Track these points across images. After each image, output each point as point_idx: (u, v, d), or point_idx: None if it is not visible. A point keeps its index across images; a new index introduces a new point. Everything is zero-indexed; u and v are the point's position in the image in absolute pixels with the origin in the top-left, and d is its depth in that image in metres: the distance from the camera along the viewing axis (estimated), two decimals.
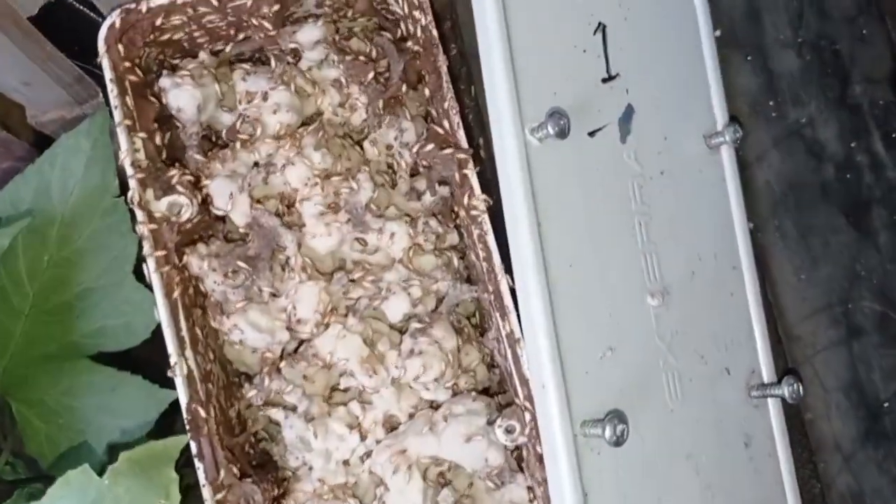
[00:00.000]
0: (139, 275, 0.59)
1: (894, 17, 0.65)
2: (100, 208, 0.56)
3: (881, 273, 0.62)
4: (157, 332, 0.61)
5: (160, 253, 0.47)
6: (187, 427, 0.46)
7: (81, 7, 0.54)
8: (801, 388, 0.54)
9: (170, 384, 0.61)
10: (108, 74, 0.48)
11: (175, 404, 0.63)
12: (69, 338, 0.58)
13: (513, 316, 0.49)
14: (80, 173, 0.55)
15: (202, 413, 0.46)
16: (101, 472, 0.49)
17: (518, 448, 0.51)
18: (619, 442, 0.44)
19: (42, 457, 0.60)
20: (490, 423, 0.49)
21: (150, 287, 0.58)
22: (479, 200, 0.49)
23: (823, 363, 0.61)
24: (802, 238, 0.62)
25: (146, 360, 0.62)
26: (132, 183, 0.48)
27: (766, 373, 0.56)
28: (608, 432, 0.44)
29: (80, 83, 0.62)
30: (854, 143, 0.63)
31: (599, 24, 0.54)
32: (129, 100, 0.48)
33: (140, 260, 0.59)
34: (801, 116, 0.63)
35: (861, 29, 0.65)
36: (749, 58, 0.64)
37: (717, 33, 0.62)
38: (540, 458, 0.47)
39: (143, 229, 0.47)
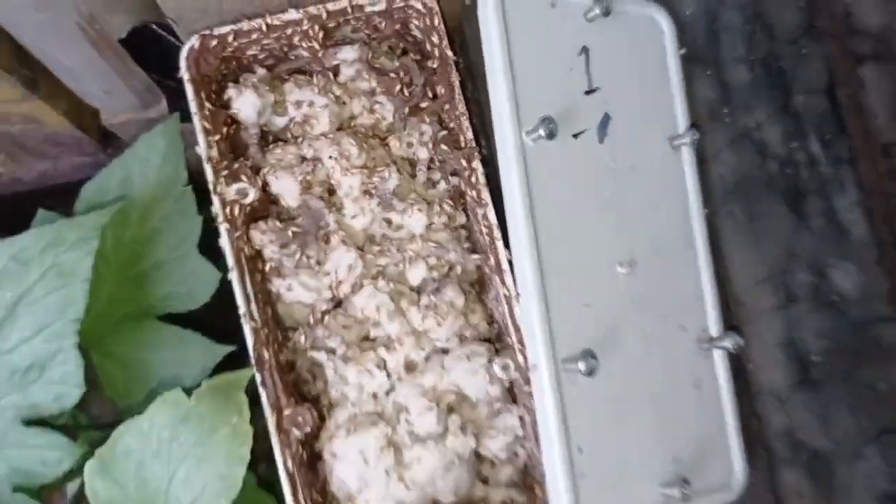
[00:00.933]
0: (202, 250, 0.71)
1: (829, 39, 0.77)
2: (171, 195, 0.69)
3: (813, 251, 0.74)
4: (214, 298, 0.73)
5: (230, 228, 0.60)
6: (253, 363, 0.58)
7: (162, 32, 0.66)
8: (741, 340, 0.66)
9: (224, 340, 0.74)
10: (188, 87, 0.61)
11: (227, 358, 0.75)
12: (143, 301, 0.71)
13: (509, 279, 0.61)
14: (157, 166, 0.68)
15: (265, 352, 0.58)
16: None
17: (511, 384, 0.63)
18: (591, 373, 0.57)
19: (117, 398, 0.72)
20: (490, 362, 0.61)
21: (210, 261, 0.71)
22: (483, 187, 0.62)
23: (764, 324, 0.73)
24: (749, 222, 0.74)
25: (204, 322, 0.75)
26: (208, 173, 0.60)
27: (714, 329, 0.68)
28: (582, 365, 0.57)
29: (149, 91, 0.74)
30: (794, 143, 0.76)
31: (583, 47, 0.66)
32: (205, 107, 0.61)
33: (203, 237, 0.71)
34: (751, 121, 0.76)
35: (802, 49, 0.77)
36: (708, 72, 0.76)
37: (683, 51, 0.75)
38: (529, 393, 0.60)
39: (218, 210, 0.60)
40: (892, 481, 0.72)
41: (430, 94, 0.66)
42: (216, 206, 0.60)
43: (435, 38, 0.63)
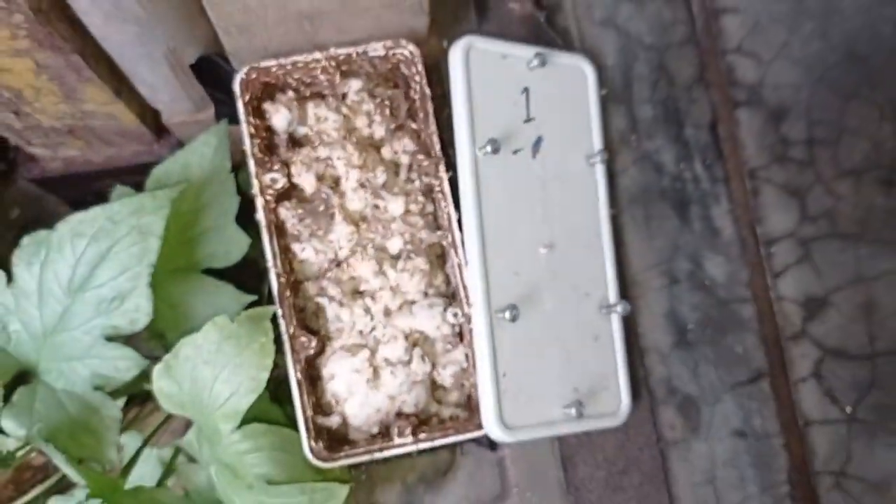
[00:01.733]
0: (238, 221, 0.94)
1: (715, 88, 1.02)
2: (218, 179, 0.92)
3: (693, 246, 0.99)
4: (242, 261, 0.96)
5: (265, 205, 0.84)
6: (277, 301, 0.82)
7: (218, 60, 0.90)
8: (629, 306, 0.91)
9: (250, 291, 0.97)
10: (238, 102, 0.85)
11: (249, 305, 0.98)
12: (191, 258, 0.94)
13: (461, 252, 0.86)
14: (210, 157, 0.91)
15: (284, 294, 0.83)
16: None
17: (461, 328, 0.88)
18: (514, 320, 0.82)
19: (167, 331, 0.95)
20: (445, 310, 0.86)
21: (245, 229, 0.94)
22: (445, 185, 0.86)
23: (653, 298, 0.98)
24: (645, 222, 0.99)
25: (235, 277, 0.98)
26: (251, 165, 0.84)
27: (612, 298, 0.93)
28: (508, 314, 0.81)
29: (202, 100, 0.98)
30: (683, 165, 1.01)
31: (525, 87, 0.91)
32: (250, 117, 0.85)
33: (240, 211, 0.94)
34: (651, 147, 1.01)
35: (694, 94, 1.02)
36: (622, 108, 1.01)
37: (603, 92, 0.99)
38: (471, 333, 0.85)
39: (256, 191, 0.84)
40: (742, 421, 0.98)
41: (412, 117, 0.90)
42: (255, 189, 0.84)
43: (417, 77, 0.87)
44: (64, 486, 0.90)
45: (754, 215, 1.00)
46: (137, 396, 0.95)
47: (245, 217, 0.92)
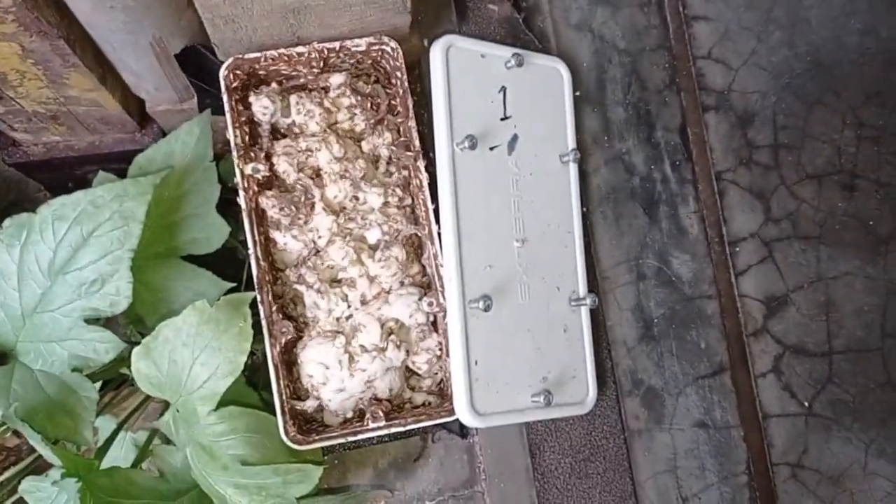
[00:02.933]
0: (218, 209, 0.96)
1: (685, 93, 1.06)
2: (200, 168, 0.93)
3: (661, 244, 1.03)
4: (221, 249, 0.98)
5: (246, 193, 0.86)
6: (256, 287, 0.84)
7: (203, 50, 0.92)
8: (597, 299, 0.94)
9: (229, 279, 0.98)
10: (223, 92, 0.87)
11: (227, 292, 1.00)
12: (172, 244, 0.95)
13: (437, 244, 0.89)
14: (192, 145, 0.93)
15: (264, 280, 0.85)
16: None
17: (435, 318, 0.91)
18: (487, 309, 0.84)
19: (146, 315, 0.97)
20: (420, 300, 0.88)
21: (224, 217, 0.96)
22: (423, 179, 0.89)
23: (621, 293, 1.02)
24: (616, 220, 1.03)
25: (214, 265, 0.99)
26: (234, 155, 0.86)
27: (581, 291, 0.96)
28: (481, 304, 0.84)
29: (186, 89, 0.99)
30: (653, 165, 1.04)
31: (502, 86, 0.94)
32: (234, 107, 0.87)
33: (222, 200, 0.96)
34: (623, 147, 1.04)
35: (666, 97, 1.06)
36: (595, 110, 1.04)
37: (577, 93, 1.03)
38: (445, 322, 0.87)
39: (238, 180, 0.86)
40: (703, 413, 1.01)
41: (392, 112, 0.93)
42: (237, 178, 0.86)
43: (398, 73, 0.90)
44: (38, 468, 0.91)
45: (720, 216, 1.04)
46: (113, 381, 0.97)
47: (226, 206, 0.94)
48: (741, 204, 1.04)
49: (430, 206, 0.89)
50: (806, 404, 1.02)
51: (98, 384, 0.93)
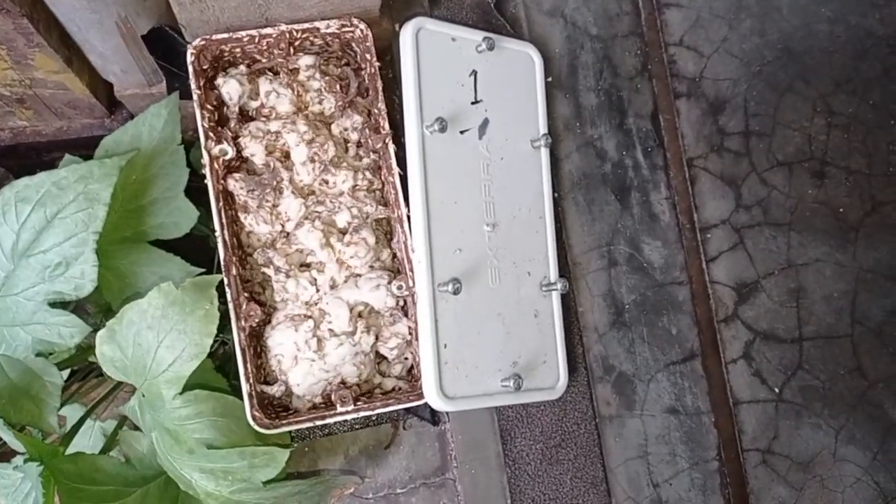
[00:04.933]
0: (187, 192, 0.95)
1: (656, 79, 1.06)
2: (168, 151, 0.92)
3: (632, 230, 1.03)
4: (192, 234, 0.97)
5: (213, 175, 0.85)
6: (223, 269, 0.84)
7: (171, 32, 0.91)
8: (567, 284, 0.94)
9: (198, 264, 0.97)
10: (191, 73, 0.86)
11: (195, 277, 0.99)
12: (139, 228, 0.94)
13: (407, 227, 0.88)
14: (159, 128, 0.92)
15: (231, 262, 0.84)
16: None
17: (405, 302, 0.90)
18: (456, 293, 0.84)
19: (112, 300, 0.95)
20: (390, 283, 0.88)
21: (193, 202, 0.95)
22: (393, 161, 0.89)
23: (592, 279, 1.02)
24: (587, 205, 1.03)
25: (182, 249, 0.98)
26: (201, 135, 0.85)
27: (552, 276, 0.96)
28: (450, 287, 0.84)
29: (154, 73, 0.98)
30: (624, 152, 1.04)
31: (473, 70, 0.94)
32: (202, 88, 0.86)
33: (189, 182, 0.95)
34: (595, 134, 1.04)
35: (637, 84, 1.06)
36: (567, 95, 1.04)
37: (549, 79, 1.03)
38: (415, 305, 0.87)
39: (206, 161, 0.85)
40: (674, 399, 1.01)
41: (362, 94, 0.92)
42: (204, 159, 0.85)
43: (368, 56, 0.89)
44: (4, 454, 0.90)
45: (691, 202, 1.04)
46: (81, 370, 0.95)
47: (198, 194, 0.93)
48: (712, 190, 1.05)
49: (400, 190, 0.89)
50: (776, 390, 1.02)
51: (66, 372, 0.92)
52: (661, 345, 1.01)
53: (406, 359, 0.92)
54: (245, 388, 0.83)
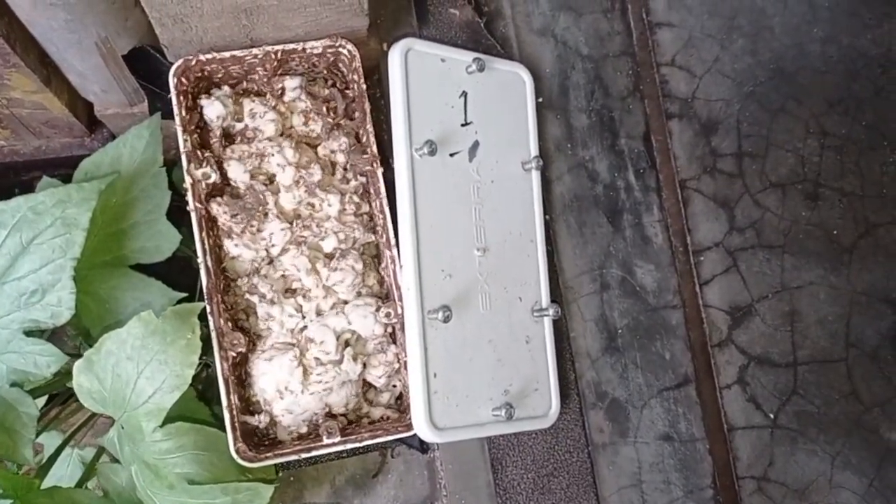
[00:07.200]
0: (169, 213, 0.93)
1: (648, 100, 1.05)
2: (150, 173, 0.90)
3: (625, 253, 1.01)
4: (172, 258, 0.94)
5: (196, 199, 0.83)
6: (206, 296, 0.81)
7: (153, 51, 0.88)
8: (560, 309, 0.92)
9: (181, 289, 0.95)
10: (173, 94, 0.83)
11: (178, 302, 0.96)
12: (119, 252, 0.91)
13: (395, 252, 0.86)
14: (141, 150, 0.89)
15: (214, 290, 0.81)
16: None
17: (393, 329, 0.88)
18: (446, 321, 0.82)
19: (91, 327, 0.93)
20: (377, 310, 0.86)
21: (176, 225, 0.92)
22: (381, 185, 0.86)
23: (584, 304, 1.00)
24: (579, 228, 1.01)
25: (164, 274, 0.96)
26: (183, 159, 0.83)
27: (544, 301, 0.94)
28: (440, 314, 0.81)
29: (136, 93, 0.96)
30: (616, 173, 1.03)
31: (463, 91, 0.92)
32: (183, 110, 0.84)
33: (173, 208, 0.93)
34: (586, 155, 1.03)
35: (629, 104, 1.04)
36: (558, 116, 1.03)
37: (539, 100, 1.01)
38: (403, 332, 0.84)
39: (188, 185, 0.82)
40: (668, 425, 0.99)
41: (349, 116, 0.90)
42: (187, 183, 0.83)
43: (355, 76, 0.87)
44: None
45: (684, 225, 1.03)
46: (59, 395, 0.92)
47: (180, 214, 0.90)
48: (705, 212, 1.03)
49: (388, 214, 0.86)
50: (771, 416, 1.00)
51: (42, 399, 0.89)
52: (655, 370, 0.99)
53: (394, 386, 0.90)
54: (228, 419, 0.80)
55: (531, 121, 0.97)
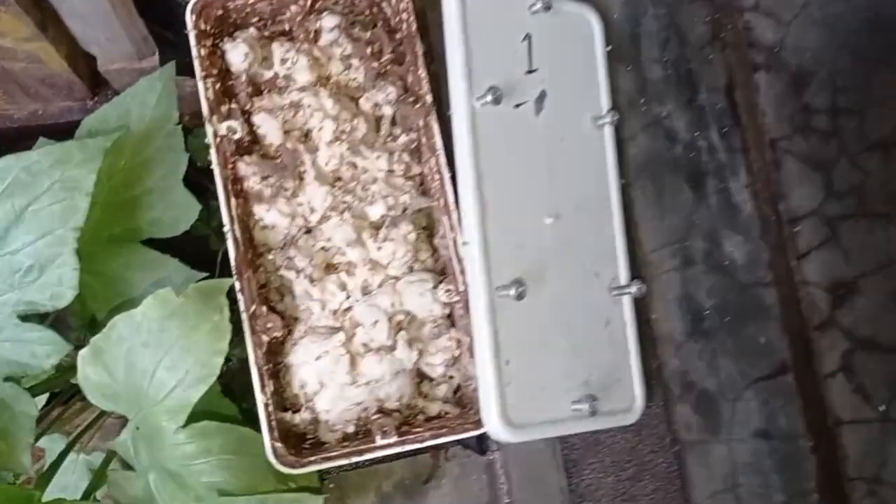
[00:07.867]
0: (186, 182, 0.80)
1: (731, 49, 0.92)
2: (164, 131, 0.77)
3: (709, 223, 0.89)
4: (193, 236, 0.82)
5: (220, 158, 0.70)
6: (234, 272, 0.68)
7: None
8: (644, 287, 0.79)
9: (197, 267, 0.82)
10: (191, 35, 0.71)
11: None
12: (130, 225, 0.79)
13: (455, 219, 0.73)
14: (153, 105, 0.77)
15: (243, 262, 0.68)
16: None
17: (452, 310, 0.75)
18: (520, 297, 0.69)
19: (97, 311, 0.80)
20: (435, 288, 0.73)
21: (194, 192, 0.80)
22: (436, 139, 0.73)
23: (666, 281, 0.87)
24: (657, 195, 0.88)
25: (182, 250, 0.83)
26: (204, 110, 0.70)
27: (623, 279, 0.81)
28: (513, 290, 0.69)
29: (145, 42, 0.83)
30: (697, 132, 0.90)
31: (527, 34, 0.79)
32: (203, 54, 0.71)
33: (192, 181, 0.80)
34: (662, 111, 0.90)
35: (708, 55, 0.92)
36: (629, 68, 0.90)
37: (609, 48, 0.88)
38: (467, 319, 0.72)
39: (210, 141, 0.70)
40: (765, 420, 0.87)
41: (398, 62, 0.77)
42: (209, 138, 0.70)
43: (404, 15, 0.75)
44: None
45: (775, 190, 0.90)
46: (63, 392, 0.80)
47: (199, 190, 0.78)
48: (799, 176, 0.91)
49: (446, 174, 0.74)
50: (882, 408, 0.88)
51: (43, 397, 0.78)
52: (748, 357, 0.87)
53: (451, 377, 0.77)
54: (264, 418, 0.67)
55: (602, 71, 0.85)
